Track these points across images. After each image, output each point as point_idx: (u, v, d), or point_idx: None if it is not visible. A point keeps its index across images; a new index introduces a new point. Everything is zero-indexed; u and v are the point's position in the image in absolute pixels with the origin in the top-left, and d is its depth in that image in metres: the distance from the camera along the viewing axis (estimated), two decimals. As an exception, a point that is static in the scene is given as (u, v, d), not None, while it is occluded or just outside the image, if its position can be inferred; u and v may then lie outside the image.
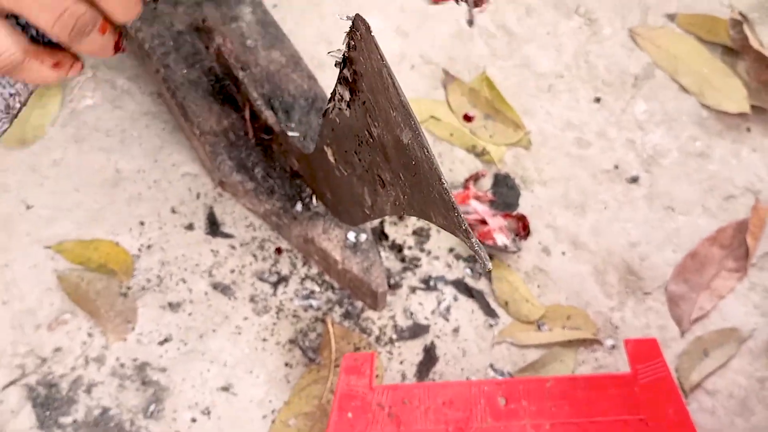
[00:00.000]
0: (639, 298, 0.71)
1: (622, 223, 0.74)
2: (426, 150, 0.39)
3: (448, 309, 0.70)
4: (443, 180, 0.39)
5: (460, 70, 0.81)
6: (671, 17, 0.85)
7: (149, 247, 0.72)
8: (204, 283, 0.70)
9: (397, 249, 0.72)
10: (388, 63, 0.39)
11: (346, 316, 0.69)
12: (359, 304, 0.70)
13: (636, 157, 0.77)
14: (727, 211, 0.74)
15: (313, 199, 0.69)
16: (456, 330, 0.69)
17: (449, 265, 0.72)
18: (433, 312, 0.70)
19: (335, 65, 0.43)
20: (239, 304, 0.70)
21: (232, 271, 0.71)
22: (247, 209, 0.73)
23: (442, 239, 0.73)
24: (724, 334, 0.69)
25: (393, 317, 0.69)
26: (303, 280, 0.71)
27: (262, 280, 0.71)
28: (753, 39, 0.81)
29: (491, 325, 0.69)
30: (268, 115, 0.69)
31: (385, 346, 0.68)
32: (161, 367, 0.67)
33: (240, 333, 0.68)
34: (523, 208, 0.75)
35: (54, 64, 0.45)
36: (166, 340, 0.68)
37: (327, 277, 0.71)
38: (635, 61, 0.82)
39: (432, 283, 0.71)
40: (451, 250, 0.72)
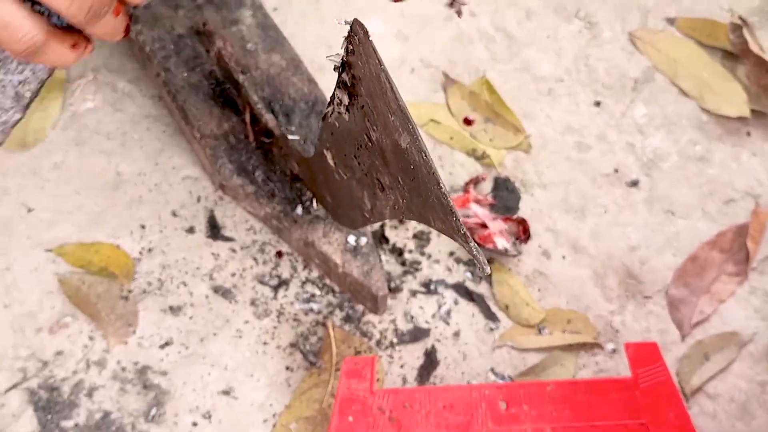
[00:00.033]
0: (639, 302, 0.71)
1: (622, 227, 0.74)
2: (424, 154, 0.39)
3: (448, 313, 0.70)
4: (441, 184, 0.39)
5: (460, 73, 0.81)
6: (671, 21, 0.85)
7: (150, 250, 0.72)
8: (205, 287, 0.70)
9: (398, 252, 0.72)
10: (386, 67, 0.39)
11: (347, 319, 0.69)
12: (360, 307, 0.70)
13: (636, 160, 0.77)
14: (727, 215, 0.74)
15: (314, 203, 0.69)
16: (456, 334, 0.69)
17: (450, 269, 0.72)
18: (433, 316, 0.70)
19: (334, 69, 0.43)
20: (240, 307, 0.70)
21: (233, 274, 0.71)
22: (247, 212, 0.73)
23: (442, 243, 0.73)
24: (725, 338, 0.69)
25: (394, 321, 0.70)
26: (304, 283, 0.71)
27: (262, 283, 0.71)
28: (753, 43, 0.81)
29: (492, 329, 0.70)
30: (269, 119, 0.69)
31: (385, 350, 0.68)
32: (162, 371, 0.67)
33: (241, 336, 0.68)
34: (524, 211, 0.75)
35: (72, 44, 0.45)
36: (167, 344, 0.68)
37: (328, 280, 0.71)
38: (635, 64, 0.83)
39: (432, 286, 0.71)
40: (451, 254, 0.72)
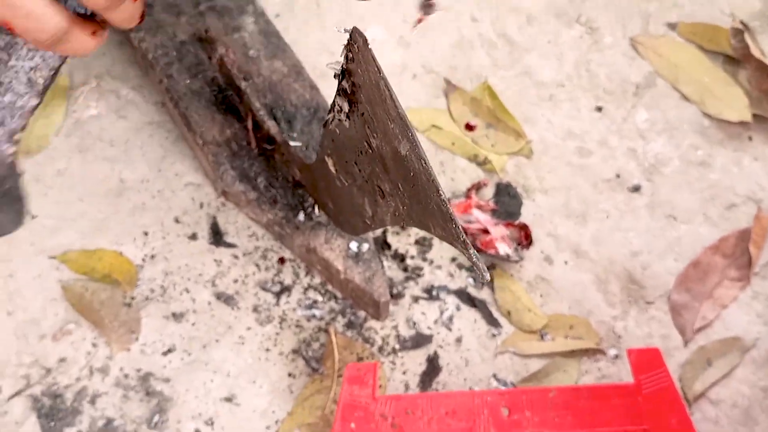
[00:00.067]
0: (641, 308, 0.71)
1: (624, 232, 0.74)
2: (424, 162, 0.39)
3: (450, 319, 0.70)
4: (441, 192, 0.39)
5: (461, 79, 0.82)
6: (672, 26, 0.85)
7: (153, 257, 0.72)
8: (207, 293, 0.70)
9: (400, 258, 0.72)
10: (385, 75, 0.39)
11: (349, 325, 0.69)
12: (362, 313, 0.70)
13: (637, 166, 0.77)
14: (728, 220, 0.74)
15: (316, 209, 0.69)
16: (459, 340, 0.69)
17: (452, 275, 0.72)
18: (435, 322, 0.70)
19: (334, 77, 0.43)
20: (242, 314, 0.70)
21: (235, 281, 0.71)
22: (250, 219, 0.74)
23: (444, 249, 0.73)
24: (728, 344, 0.69)
25: (396, 327, 0.70)
26: (306, 289, 0.71)
27: (265, 289, 0.71)
28: (754, 48, 0.81)
29: (494, 335, 0.70)
30: (271, 125, 0.69)
31: (388, 356, 0.68)
32: (165, 378, 0.67)
33: (243, 343, 0.69)
34: (525, 217, 0.75)
35: (92, 32, 0.45)
36: (170, 351, 0.68)
37: (330, 286, 0.71)
38: (636, 70, 0.83)
39: (434, 292, 0.71)
40: (453, 260, 0.73)
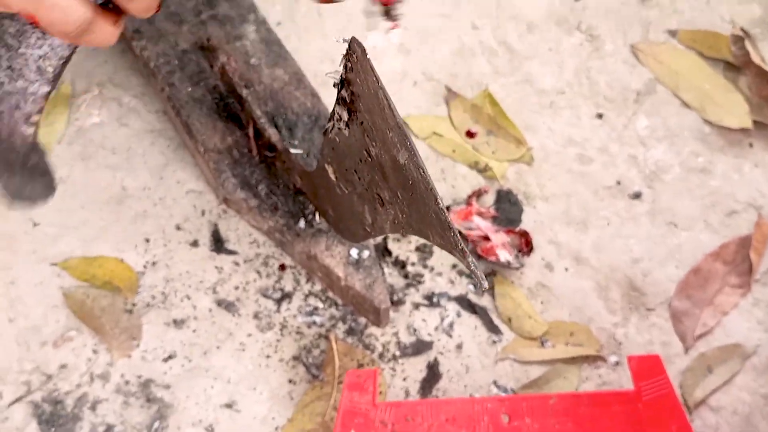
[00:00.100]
0: (642, 314, 0.71)
1: (625, 239, 0.74)
2: (422, 170, 0.40)
3: (451, 325, 0.70)
4: (439, 200, 0.40)
5: (462, 86, 0.82)
6: (673, 33, 0.85)
7: (154, 264, 0.72)
8: (208, 300, 0.71)
9: (401, 265, 0.72)
10: (383, 85, 0.39)
11: (350, 332, 0.70)
12: (363, 320, 0.70)
13: (638, 172, 0.77)
14: (729, 227, 0.74)
15: (316, 216, 0.69)
16: (459, 346, 0.69)
17: (452, 282, 0.72)
18: (436, 328, 0.70)
19: (334, 86, 0.44)
20: (243, 320, 0.70)
21: (236, 287, 0.71)
22: (251, 226, 0.74)
23: (445, 256, 0.73)
24: (728, 351, 0.69)
25: (396, 333, 0.70)
26: (306, 296, 0.71)
27: (265, 296, 0.71)
28: (755, 54, 0.81)
29: (494, 342, 0.70)
30: (272, 133, 0.69)
31: (388, 363, 0.68)
32: (165, 384, 0.67)
33: (244, 350, 0.69)
34: (526, 224, 0.75)
35: (114, 22, 0.45)
36: (171, 357, 0.68)
37: (330, 293, 0.71)
38: (637, 77, 0.83)
39: (435, 299, 0.71)
40: (454, 267, 0.73)
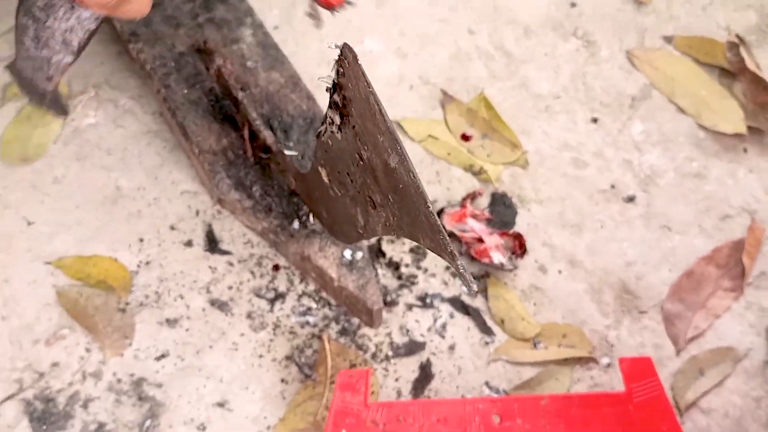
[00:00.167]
0: (635, 317, 0.71)
1: (619, 243, 0.74)
2: (412, 174, 0.40)
3: (444, 326, 0.70)
4: (429, 204, 0.41)
5: (458, 90, 0.82)
6: (668, 39, 0.86)
7: (148, 263, 0.72)
8: (201, 300, 0.71)
9: (394, 266, 0.73)
10: (374, 90, 0.40)
11: (343, 332, 0.70)
12: (356, 320, 0.70)
13: (633, 177, 0.78)
14: (722, 231, 0.74)
15: (310, 218, 0.70)
16: (452, 347, 0.69)
17: (446, 283, 0.72)
18: (429, 329, 0.70)
19: (326, 90, 0.44)
20: (236, 320, 0.70)
21: (230, 287, 0.71)
22: (245, 227, 0.74)
23: (438, 257, 0.73)
24: (720, 353, 0.69)
25: (389, 334, 0.70)
26: (300, 296, 0.71)
27: (259, 296, 0.71)
28: (750, 61, 0.81)
29: (487, 343, 0.70)
30: (267, 135, 0.70)
31: (381, 363, 0.68)
32: (158, 383, 0.67)
33: (236, 349, 0.69)
34: (520, 226, 0.75)
35: None
36: (163, 356, 0.68)
37: (324, 294, 0.71)
38: (632, 82, 0.83)
39: (428, 300, 0.71)
40: (447, 268, 0.73)
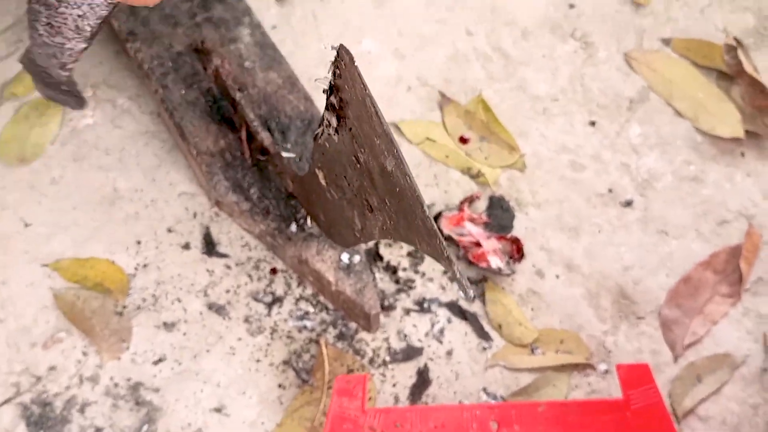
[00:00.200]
0: (632, 323, 0.71)
1: (616, 247, 0.74)
2: (408, 178, 0.40)
3: (441, 331, 0.70)
4: (425, 208, 0.40)
5: (456, 92, 0.82)
6: (666, 42, 0.86)
7: (145, 266, 0.72)
8: (199, 303, 0.71)
9: (392, 270, 0.72)
10: (371, 92, 0.39)
11: (340, 337, 0.70)
12: (353, 325, 0.70)
13: (630, 180, 0.78)
14: (720, 236, 0.75)
15: (308, 221, 0.69)
16: (449, 353, 0.69)
17: (443, 287, 0.72)
18: (426, 334, 0.70)
19: (323, 92, 0.44)
20: (233, 324, 0.70)
21: (227, 291, 0.71)
22: (242, 229, 0.74)
23: (436, 262, 0.73)
24: (717, 360, 0.69)
25: (387, 339, 0.70)
26: (297, 300, 0.71)
27: (256, 300, 0.71)
28: (747, 64, 0.81)
29: (485, 348, 0.70)
30: (265, 136, 0.69)
31: (378, 368, 0.68)
32: (155, 387, 0.67)
33: (234, 353, 0.69)
34: (518, 230, 0.75)
35: None
36: (160, 360, 0.68)
37: (321, 298, 0.71)
38: (630, 85, 0.83)
39: (426, 305, 0.71)
40: (445, 272, 0.73)
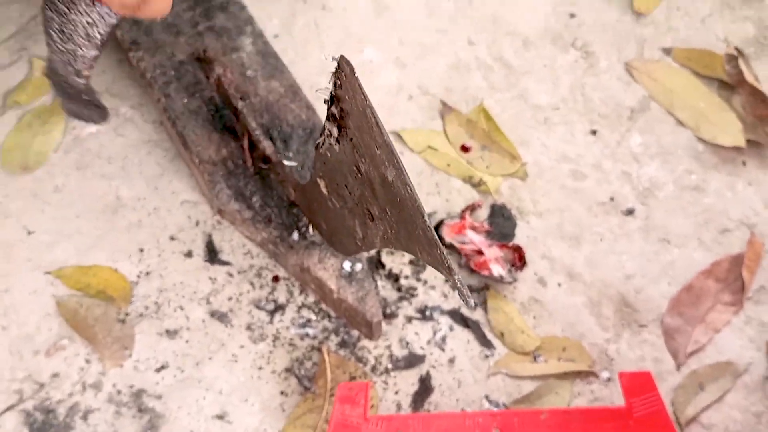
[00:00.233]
0: (634, 331, 0.71)
1: (618, 256, 0.74)
2: (409, 188, 0.40)
3: (443, 339, 0.70)
4: (426, 218, 0.40)
5: (457, 101, 0.82)
6: (667, 51, 0.86)
7: (148, 273, 0.72)
8: (201, 311, 0.71)
9: (394, 278, 0.73)
10: (371, 103, 0.40)
11: (342, 344, 0.70)
12: (355, 333, 0.70)
13: (631, 189, 0.78)
14: (722, 245, 0.75)
15: (310, 229, 0.70)
16: (452, 360, 0.69)
17: (445, 295, 0.72)
18: (428, 342, 0.70)
19: (324, 102, 0.44)
20: (236, 331, 0.70)
21: (230, 298, 0.71)
22: (245, 237, 0.74)
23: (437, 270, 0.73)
24: (720, 368, 0.69)
25: (389, 347, 0.70)
26: (300, 308, 0.71)
27: (259, 308, 0.71)
28: (748, 74, 0.81)
29: (487, 356, 0.70)
30: (267, 145, 0.70)
31: (380, 376, 0.68)
32: (157, 395, 0.67)
33: (236, 361, 0.69)
34: (519, 238, 0.75)
35: None
36: (163, 367, 0.68)
37: (323, 305, 0.71)
38: (631, 94, 0.83)
39: (428, 312, 0.71)
40: (447, 280, 0.73)
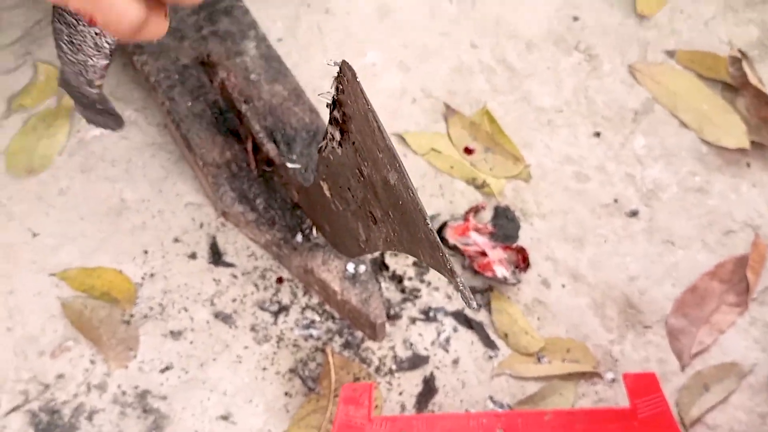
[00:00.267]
0: (639, 332, 0.71)
1: (622, 257, 0.74)
2: (411, 192, 0.41)
3: (447, 340, 0.70)
4: (428, 221, 0.41)
5: (460, 104, 0.83)
6: (671, 54, 0.86)
7: (152, 275, 0.72)
8: (205, 312, 0.71)
9: (398, 280, 0.73)
10: (373, 107, 0.40)
11: (346, 345, 0.70)
12: (359, 334, 0.70)
13: (635, 191, 0.78)
14: (726, 246, 0.75)
15: (313, 231, 0.70)
16: (455, 361, 0.69)
17: (449, 296, 0.72)
18: (432, 343, 0.70)
19: (327, 106, 0.45)
20: (240, 332, 0.70)
21: (234, 300, 0.71)
22: (249, 239, 0.74)
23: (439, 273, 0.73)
24: (725, 369, 0.69)
25: (393, 348, 0.70)
26: (304, 309, 0.71)
27: (263, 309, 0.71)
28: (752, 76, 0.81)
29: (491, 357, 0.70)
30: (270, 148, 0.70)
31: (384, 377, 0.68)
32: (162, 395, 0.67)
33: (240, 362, 0.69)
34: (523, 240, 0.75)
35: (164, 14, 0.46)
36: (167, 368, 0.68)
37: (327, 306, 0.71)
38: (635, 96, 0.83)
39: (432, 314, 0.71)
40: (450, 282, 0.73)
